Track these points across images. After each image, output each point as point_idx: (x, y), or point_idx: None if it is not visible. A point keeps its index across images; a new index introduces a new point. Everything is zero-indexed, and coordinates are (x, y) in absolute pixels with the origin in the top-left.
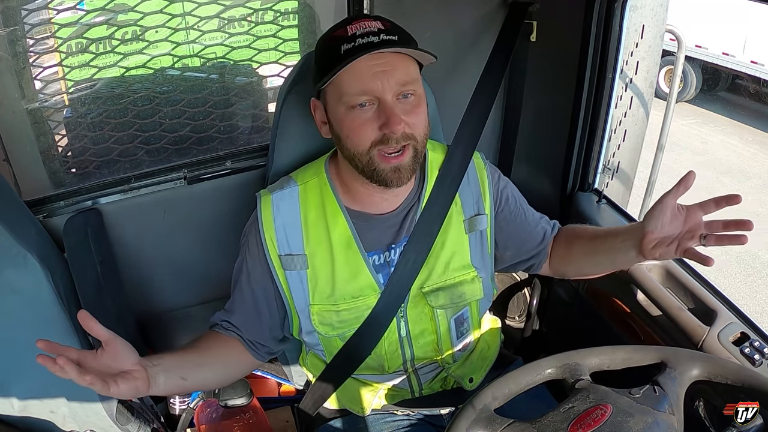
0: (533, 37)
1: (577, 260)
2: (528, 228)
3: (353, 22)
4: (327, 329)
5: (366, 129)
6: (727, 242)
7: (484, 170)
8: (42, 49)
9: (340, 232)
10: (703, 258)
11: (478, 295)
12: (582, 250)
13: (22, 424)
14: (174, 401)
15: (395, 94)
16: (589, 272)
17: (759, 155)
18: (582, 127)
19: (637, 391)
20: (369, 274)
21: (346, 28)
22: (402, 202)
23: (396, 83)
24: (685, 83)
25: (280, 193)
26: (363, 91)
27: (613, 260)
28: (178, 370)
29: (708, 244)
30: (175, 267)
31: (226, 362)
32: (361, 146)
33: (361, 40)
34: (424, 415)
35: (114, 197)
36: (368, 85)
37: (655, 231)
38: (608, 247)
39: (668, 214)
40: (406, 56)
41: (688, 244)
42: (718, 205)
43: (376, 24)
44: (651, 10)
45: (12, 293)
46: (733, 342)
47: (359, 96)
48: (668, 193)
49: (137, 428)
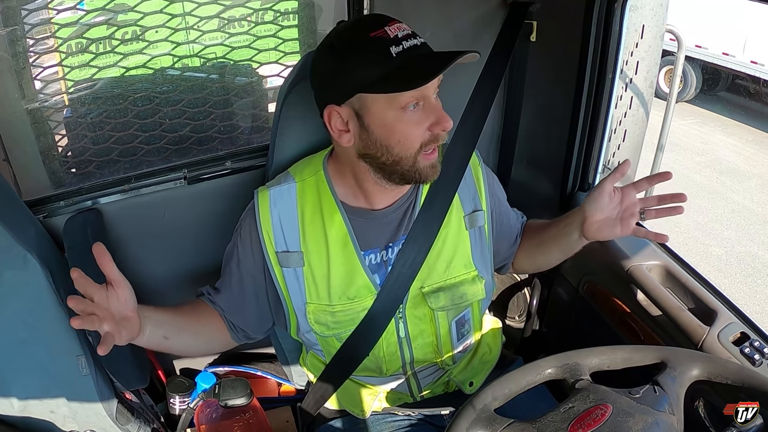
0: (533, 37)
1: (531, 253)
2: (509, 229)
3: (386, 24)
4: (322, 329)
5: (417, 130)
6: (664, 214)
7: (479, 168)
8: (42, 49)
9: (337, 229)
10: (655, 234)
11: (480, 296)
12: (533, 242)
13: (22, 424)
14: (174, 401)
15: (434, 93)
16: (541, 263)
17: (759, 155)
18: (582, 127)
19: (637, 391)
20: (364, 275)
21: (385, 30)
22: (399, 198)
23: (436, 82)
24: (685, 83)
25: (278, 189)
26: (417, 92)
27: (559, 245)
28: (162, 328)
29: (647, 218)
30: (174, 267)
31: (208, 334)
32: (412, 149)
33: (407, 43)
34: (424, 415)
35: (114, 197)
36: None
37: (594, 214)
38: (553, 234)
39: (605, 197)
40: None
41: (629, 221)
42: (650, 182)
43: (403, 26)
44: (651, 10)
45: (12, 293)
46: (733, 342)
47: (413, 98)
48: (605, 179)
49: (137, 428)
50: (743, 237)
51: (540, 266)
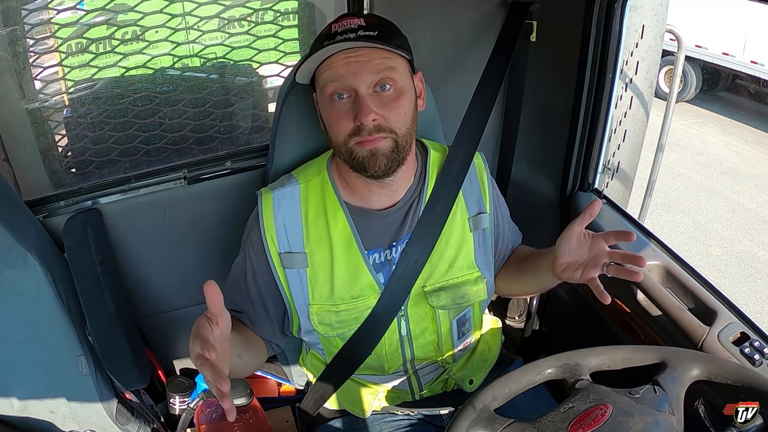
0: (533, 37)
1: (508, 277)
2: (501, 244)
3: (338, 21)
4: (326, 329)
5: (343, 120)
6: (623, 276)
7: (484, 171)
8: (42, 49)
9: (341, 229)
10: (601, 293)
11: (481, 296)
12: (513, 269)
13: (22, 424)
14: (174, 401)
15: (370, 86)
16: (516, 290)
17: (759, 155)
18: (582, 127)
19: (637, 391)
20: (369, 274)
21: (331, 26)
22: (402, 197)
23: (368, 74)
24: (685, 83)
25: (281, 191)
26: (338, 82)
27: (535, 278)
28: (236, 348)
29: (609, 273)
30: (174, 267)
31: (259, 347)
32: (340, 137)
33: (340, 37)
34: (424, 415)
35: (114, 197)
36: (342, 77)
37: (563, 255)
38: (533, 267)
39: (574, 240)
40: (384, 50)
41: (591, 271)
42: (616, 239)
43: (357, 21)
44: (651, 10)
45: (12, 293)
46: (733, 342)
47: (335, 88)
48: (574, 222)
49: (137, 428)
50: (743, 237)
51: (514, 293)
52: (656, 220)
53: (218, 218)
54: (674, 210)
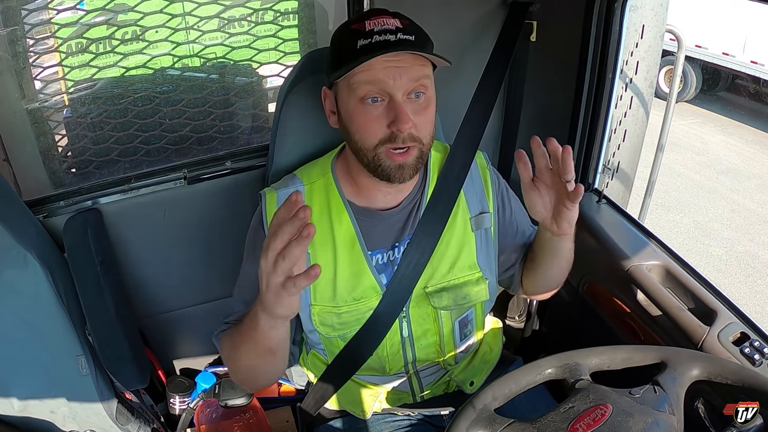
0: (533, 37)
1: (530, 268)
2: (513, 242)
3: (372, 17)
4: (327, 330)
5: (375, 125)
6: None
7: (487, 170)
8: (42, 49)
9: (345, 230)
10: None
11: (483, 297)
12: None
13: (22, 424)
14: (174, 401)
15: (406, 93)
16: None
17: (759, 155)
18: (582, 127)
19: (637, 391)
20: (371, 276)
21: (365, 23)
22: (405, 198)
23: (408, 81)
24: (685, 83)
25: (285, 191)
26: (375, 86)
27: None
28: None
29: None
30: (174, 267)
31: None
32: (369, 142)
33: (378, 38)
34: (424, 415)
35: (114, 197)
36: (380, 81)
37: (542, 210)
38: (539, 246)
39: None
40: (421, 56)
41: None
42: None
43: (394, 22)
44: (651, 10)
45: (12, 293)
46: (733, 342)
47: (371, 91)
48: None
49: (137, 428)
50: (743, 237)
51: (544, 282)
52: (656, 220)
53: (218, 218)
54: (674, 210)
